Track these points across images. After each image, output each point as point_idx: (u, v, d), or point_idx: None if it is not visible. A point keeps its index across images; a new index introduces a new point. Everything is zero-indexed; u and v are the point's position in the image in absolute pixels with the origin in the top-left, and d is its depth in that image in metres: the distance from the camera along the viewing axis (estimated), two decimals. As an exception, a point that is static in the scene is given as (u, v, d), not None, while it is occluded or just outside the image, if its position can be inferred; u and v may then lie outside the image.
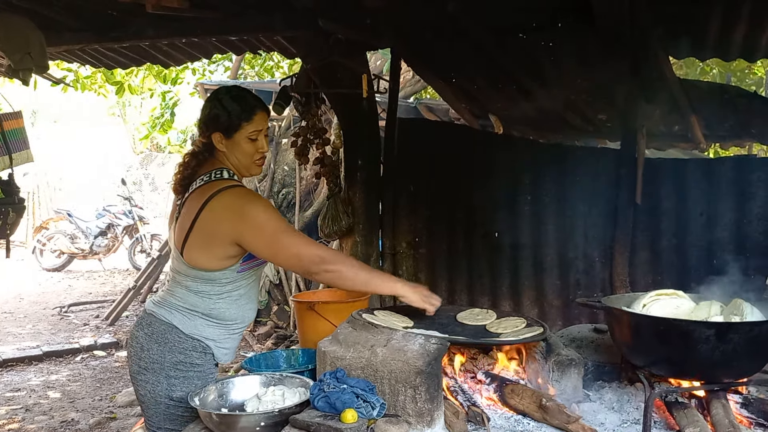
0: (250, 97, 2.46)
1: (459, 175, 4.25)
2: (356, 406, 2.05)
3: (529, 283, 4.12)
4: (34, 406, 5.74)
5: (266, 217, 2.29)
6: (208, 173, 2.41)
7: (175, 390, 2.39)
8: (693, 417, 2.02)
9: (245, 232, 2.29)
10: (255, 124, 2.38)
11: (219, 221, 2.31)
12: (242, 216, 2.29)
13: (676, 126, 4.36)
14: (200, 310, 2.41)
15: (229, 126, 2.37)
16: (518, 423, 2.20)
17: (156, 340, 2.41)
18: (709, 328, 2.06)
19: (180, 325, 2.41)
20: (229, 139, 2.38)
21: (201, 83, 10.08)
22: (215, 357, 2.48)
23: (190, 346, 2.41)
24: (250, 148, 2.41)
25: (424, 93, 9.55)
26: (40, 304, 10.15)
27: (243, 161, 2.43)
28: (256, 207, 2.31)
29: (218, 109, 2.39)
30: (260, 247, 2.32)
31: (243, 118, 2.36)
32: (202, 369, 2.43)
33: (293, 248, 2.30)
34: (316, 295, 3.45)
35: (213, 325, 2.44)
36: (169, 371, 2.39)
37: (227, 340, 2.50)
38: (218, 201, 2.32)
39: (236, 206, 2.31)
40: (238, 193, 2.34)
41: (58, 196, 17.33)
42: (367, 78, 3.82)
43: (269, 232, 2.28)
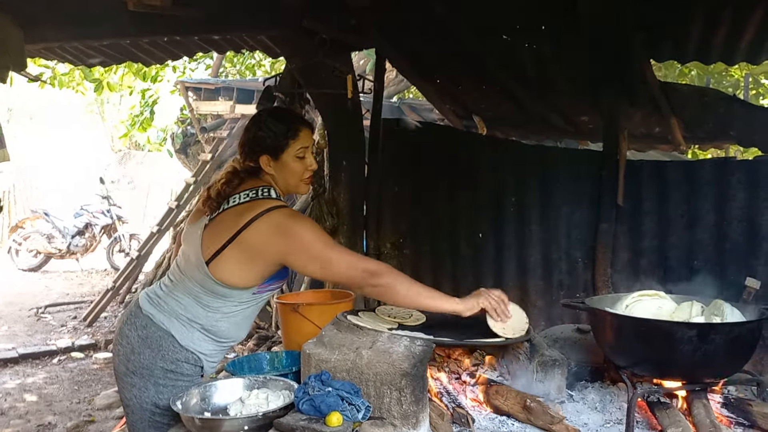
0: (294, 115, 2.49)
1: (443, 176, 4.26)
2: (341, 409, 2.04)
3: (513, 283, 4.14)
4: (10, 409, 5.65)
5: (314, 236, 2.28)
6: (254, 189, 2.38)
7: (162, 398, 2.36)
8: (675, 417, 2.04)
9: (295, 251, 2.28)
10: (301, 141, 2.37)
11: (267, 240, 2.29)
12: (292, 236, 2.28)
13: (656, 128, 4.42)
14: (201, 323, 2.40)
15: (276, 147, 2.36)
16: (503, 424, 2.21)
17: (149, 345, 2.38)
18: (690, 329, 2.09)
19: (177, 334, 2.38)
20: (277, 160, 2.38)
21: (181, 81, 10.00)
22: (204, 369, 2.47)
23: (183, 357, 2.39)
24: (298, 167, 2.40)
25: (406, 93, 9.57)
26: (16, 305, 9.98)
27: (292, 181, 2.43)
28: (304, 226, 2.30)
29: (264, 131, 2.37)
30: (311, 265, 2.32)
31: (289, 136, 2.35)
32: (190, 380, 2.41)
33: (343, 264, 2.29)
34: (300, 296, 3.44)
35: (209, 340, 2.44)
36: (158, 378, 2.37)
37: (217, 355, 2.51)
38: (267, 220, 2.30)
39: (285, 226, 2.29)
40: (285, 213, 2.32)
41: (35, 195, 17.09)
42: (352, 78, 3.81)
43: (318, 250, 2.27)
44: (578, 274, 4.05)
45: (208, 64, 11.86)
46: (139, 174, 18.37)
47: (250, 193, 2.37)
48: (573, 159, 4.20)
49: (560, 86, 4.11)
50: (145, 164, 18.55)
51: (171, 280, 2.46)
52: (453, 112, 5.23)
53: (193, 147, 10.09)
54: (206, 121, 9.64)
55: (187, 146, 10.20)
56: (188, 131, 10.17)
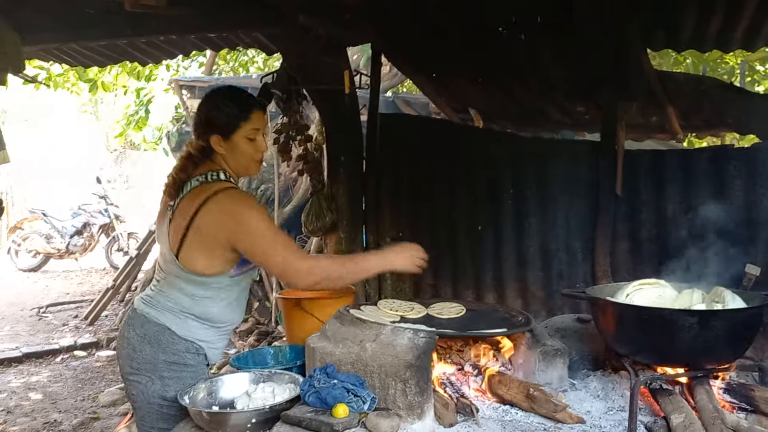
0: (247, 97, 2.46)
1: (441, 170, 4.26)
2: (347, 400, 2.07)
3: (513, 275, 4.15)
4: (16, 408, 5.67)
5: (259, 223, 2.30)
6: (203, 174, 2.40)
7: (168, 390, 2.39)
8: (678, 403, 2.07)
9: (239, 236, 2.30)
10: (253, 123, 2.38)
11: (216, 224, 2.32)
12: (238, 220, 2.30)
13: (653, 117, 4.43)
14: (193, 312, 2.42)
15: (227, 127, 2.36)
16: (506, 413, 2.23)
17: (149, 341, 2.41)
18: (692, 316, 2.10)
19: (173, 326, 2.41)
20: (228, 140, 2.38)
21: (175, 79, 9.99)
22: (207, 357, 2.49)
23: (183, 348, 2.42)
24: (249, 149, 2.40)
25: (400, 87, 9.57)
26: (17, 305, 10.00)
27: (242, 162, 2.43)
28: (250, 212, 2.31)
29: (216, 112, 2.38)
30: (252, 252, 2.33)
31: (241, 117, 2.36)
32: (195, 369, 2.44)
33: (279, 258, 2.31)
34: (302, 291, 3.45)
35: (206, 327, 2.45)
36: (162, 372, 2.40)
37: (218, 341, 2.53)
38: (215, 203, 2.32)
39: (232, 210, 2.31)
40: (233, 195, 2.35)
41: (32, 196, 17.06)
42: (348, 74, 3.82)
43: (260, 239, 2.30)
44: (578, 265, 4.06)
45: (202, 62, 11.84)
46: (136, 173, 18.35)
47: (200, 177, 2.39)
48: (571, 150, 4.20)
49: (556, 77, 4.11)
50: (141, 163, 18.52)
51: (157, 280, 2.51)
52: (449, 106, 5.24)
53: (189, 145, 10.06)
54: (202, 118, 9.62)
55: (182, 144, 10.16)
56: (183, 129, 10.17)
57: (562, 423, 2.11)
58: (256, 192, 8.81)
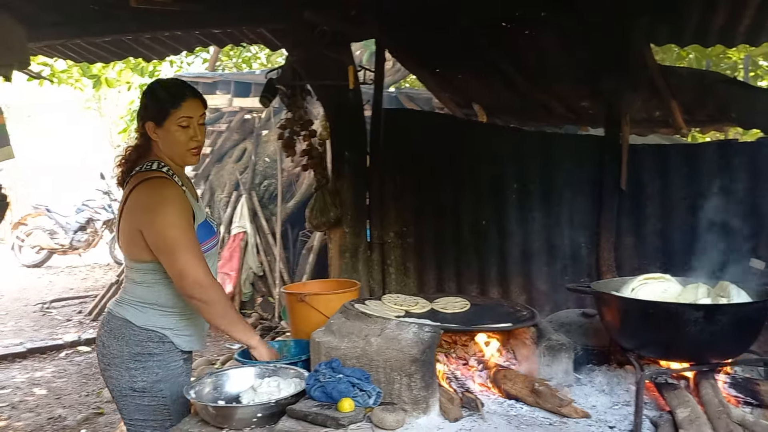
0: (181, 85, 2.45)
1: (445, 165, 4.26)
2: (353, 395, 2.07)
3: (517, 270, 4.16)
4: (20, 403, 5.69)
5: (170, 221, 2.29)
6: (142, 164, 2.42)
7: (136, 381, 2.40)
8: (683, 397, 2.06)
9: (147, 230, 2.32)
10: (184, 111, 2.36)
11: (132, 215, 2.36)
12: (148, 214, 2.32)
13: (657, 112, 4.42)
14: (149, 300, 2.42)
15: (159, 113, 2.36)
16: (511, 407, 2.23)
17: (114, 336, 2.43)
18: (697, 310, 2.10)
19: (132, 318, 2.42)
20: (160, 127, 2.37)
21: (179, 75, 9.97)
22: (176, 345, 2.47)
23: (145, 338, 2.41)
24: (181, 136, 2.38)
25: (403, 83, 9.56)
26: (21, 300, 10.03)
27: (176, 150, 2.41)
28: (163, 207, 2.30)
29: (148, 98, 2.41)
30: (156, 248, 2.32)
31: (171, 104, 2.35)
32: (161, 358, 2.43)
33: (180, 264, 2.29)
34: (307, 286, 3.46)
35: (166, 314, 2.45)
36: (129, 363, 2.40)
37: (186, 327, 2.50)
38: (135, 194, 2.35)
39: (145, 203, 2.33)
40: (152, 187, 2.34)
41: (36, 192, 17.10)
42: (353, 70, 3.82)
43: (165, 238, 2.29)
44: (582, 259, 4.06)
45: (205, 58, 11.83)
46: (139, 168, 18.33)
47: (137, 168, 2.41)
48: (575, 144, 4.21)
49: (560, 73, 4.11)
50: (144, 159, 18.49)
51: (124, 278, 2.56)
52: (453, 101, 5.24)
53: (193, 141, 10.07)
54: (205, 114, 9.63)
55: (186, 141, 10.18)
56: (187, 125, 10.15)
57: (567, 418, 2.11)
58: (259, 187, 8.80)
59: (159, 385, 2.41)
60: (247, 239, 8.39)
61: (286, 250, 8.52)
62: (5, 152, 4.10)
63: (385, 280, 4.25)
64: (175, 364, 2.46)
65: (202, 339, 2.61)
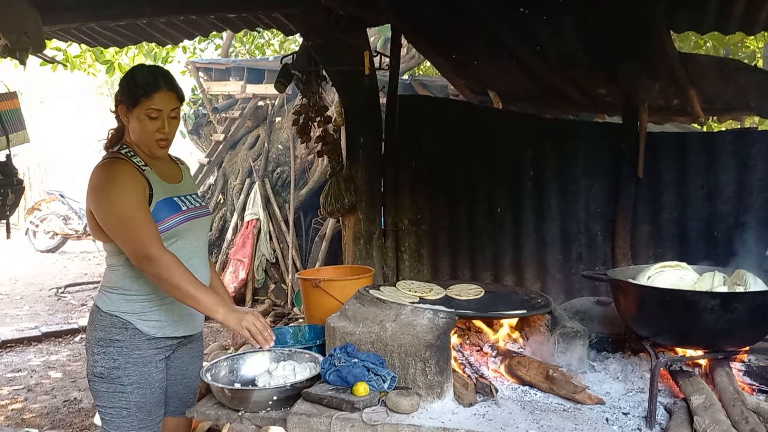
0: (159, 75, 2.39)
1: (460, 151, 4.24)
2: (367, 379, 2.09)
3: (532, 257, 4.15)
4: (36, 386, 5.75)
5: (115, 200, 2.26)
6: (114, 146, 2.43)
7: (96, 365, 2.38)
8: (698, 384, 2.06)
9: (96, 210, 2.31)
10: (154, 102, 2.32)
11: (87, 195, 2.34)
12: (97, 194, 2.30)
13: (675, 100, 4.38)
14: (114, 285, 2.40)
15: (129, 99, 2.34)
16: (525, 393, 2.23)
17: (89, 322, 2.44)
18: (714, 299, 2.09)
19: (100, 304, 2.41)
20: (130, 113, 2.35)
21: (192, 61, 9.98)
22: (142, 331, 2.39)
23: (108, 323, 2.38)
24: (148, 126, 2.34)
25: (417, 70, 9.51)
26: (36, 285, 10.13)
27: (143, 139, 2.37)
28: (110, 187, 2.28)
29: (124, 82, 2.37)
30: (106, 229, 2.31)
31: (141, 93, 2.32)
32: (122, 345, 2.37)
33: (129, 240, 2.26)
34: (321, 272, 3.47)
35: (130, 299, 2.39)
36: (93, 348, 2.39)
37: (155, 313, 2.41)
38: (90, 175, 2.34)
39: (94, 183, 2.32)
40: (103, 167, 2.33)
41: (49, 177, 17.22)
42: (369, 55, 3.80)
43: (115, 215, 2.26)
44: (597, 247, 4.05)
45: (218, 44, 11.83)
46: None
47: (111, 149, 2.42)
48: (592, 132, 4.17)
49: (578, 59, 4.07)
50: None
51: None
52: (468, 88, 5.21)
53: (206, 128, 10.10)
54: (218, 101, 9.65)
55: (199, 127, 10.21)
56: (200, 112, 10.18)
57: (581, 404, 2.11)
58: (272, 175, 8.82)
59: (116, 372, 2.35)
60: (260, 226, 8.42)
61: (298, 238, 8.54)
62: (21, 136, 4.13)
63: (399, 267, 4.26)
64: (139, 353, 2.38)
65: (186, 324, 2.49)
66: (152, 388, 2.41)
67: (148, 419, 2.42)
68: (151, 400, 2.42)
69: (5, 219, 4.04)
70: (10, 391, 5.59)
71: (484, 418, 2.01)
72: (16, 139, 4.39)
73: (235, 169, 9.02)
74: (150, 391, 2.41)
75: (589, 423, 1.98)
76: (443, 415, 2.02)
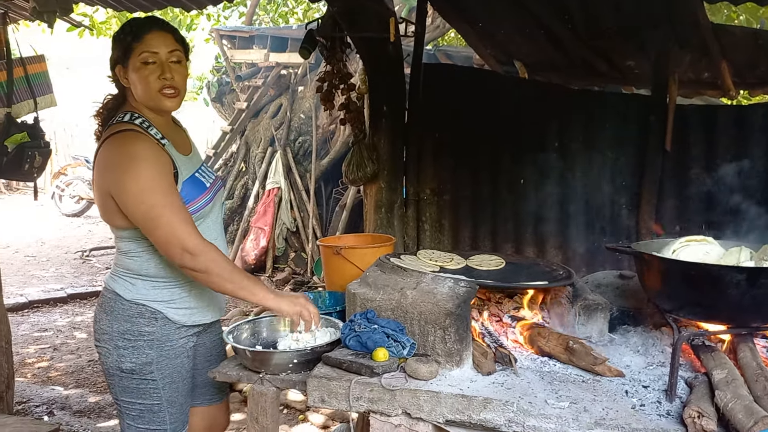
0: (150, 19, 2.19)
1: (485, 122, 4.19)
2: (387, 345, 2.10)
3: (554, 229, 4.12)
4: (62, 345, 5.89)
5: (145, 186, 2.01)
6: (115, 116, 2.17)
7: (124, 362, 2.19)
8: (720, 359, 2.04)
9: (119, 194, 2.05)
10: (146, 45, 2.08)
11: (103, 174, 2.09)
12: (119, 174, 2.04)
13: (705, 73, 4.28)
14: (137, 271, 2.19)
15: (122, 51, 2.11)
16: (544, 364, 2.23)
17: (105, 310, 2.22)
18: (740, 273, 2.05)
19: (121, 291, 2.19)
20: (126, 68, 2.12)
21: (216, 29, 9.96)
22: (173, 320, 2.23)
23: (135, 312, 2.18)
24: (147, 75, 2.09)
25: (441, 40, 9.40)
26: (62, 248, 10.31)
27: (146, 92, 2.11)
28: (136, 169, 2.02)
29: (114, 37, 2.15)
30: (131, 217, 2.06)
31: (131, 39, 2.09)
32: (153, 337, 2.19)
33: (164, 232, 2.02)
34: (342, 240, 3.48)
35: (159, 286, 2.21)
36: (117, 341, 2.19)
37: (185, 299, 2.25)
38: (101, 151, 2.11)
39: (111, 161, 2.07)
40: (118, 142, 2.07)
41: (75, 143, 17.38)
42: (394, 21, 3.75)
43: (140, 202, 2.02)
44: (621, 221, 4.00)
45: (242, 12, 11.78)
46: (176, 121, 18.48)
47: (111, 121, 2.17)
48: (619, 103, 4.10)
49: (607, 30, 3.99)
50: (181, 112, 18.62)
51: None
52: (494, 57, 5.13)
53: (229, 96, 10.11)
54: (241, 69, 9.63)
55: (222, 95, 10.23)
56: (223, 80, 10.19)
57: (600, 376, 2.10)
58: (293, 144, 8.82)
59: (149, 368, 2.19)
60: (282, 195, 8.46)
61: (319, 207, 8.57)
62: (48, 99, 4.15)
63: (420, 237, 4.25)
64: (171, 344, 2.22)
65: (214, 308, 2.36)
66: (184, 381, 2.30)
67: (179, 413, 2.31)
68: (183, 393, 2.30)
69: (32, 181, 4.09)
70: (36, 350, 5.73)
71: (503, 387, 2.01)
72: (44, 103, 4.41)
73: (258, 137, 9.04)
74: (182, 384, 2.29)
75: (608, 394, 1.97)
76: (462, 383, 2.03)
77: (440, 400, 1.94)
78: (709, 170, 3.78)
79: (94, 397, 4.69)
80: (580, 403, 1.90)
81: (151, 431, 2.26)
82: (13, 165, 3.76)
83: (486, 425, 1.91)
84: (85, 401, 4.62)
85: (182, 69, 2.17)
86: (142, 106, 2.16)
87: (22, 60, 3.90)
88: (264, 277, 8.08)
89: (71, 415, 4.36)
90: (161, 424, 2.26)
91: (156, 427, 2.26)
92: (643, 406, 1.89)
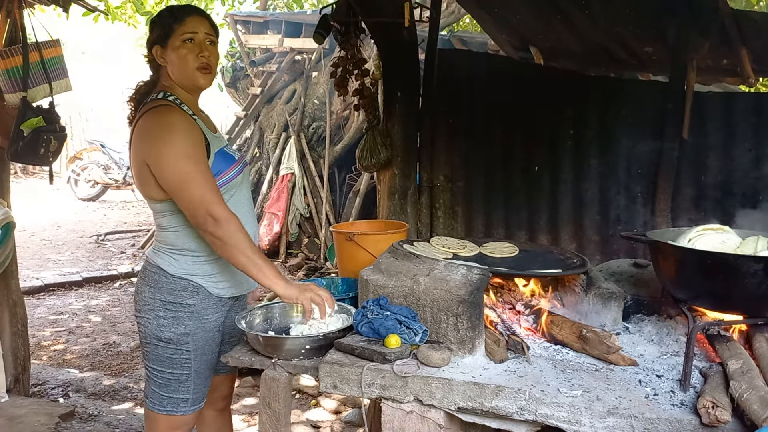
0: (187, 6, 2.38)
1: (499, 108, 4.16)
2: (399, 331, 2.10)
3: (568, 217, 4.09)
4: (77, 328, 5.95)
5: (175, 150, 2.13)
6: (151, 94, 2.30)
7: (163, 330, 2.29)
8: (736, 349, 2.02)
9: (153, 162, 2.16)
10: (188, 26, 2.25)
11: (139, 145, 2.22)
12: (151, 144, 2.17)
13: (724, 60, 4.22)
14: (180, 246, 2.29)
15: (162, 32, 2.26)
16: (557, 352, 2.22)
17: (148, 283, 2.33)
18: (757, 263, 2.03)
19: (165, 266, 2.30)
20: (165, 48, 2.26)
21: (231, 14, 9.96)
22: (212, 294, 2.33)
23: (178, 286, 2.29)
24: (186, 53, 2.24)
25: (456, 26, 9.33)
26: (77, 232, 10.40)
27: (184, 69, 2.26)
28: (172, 137, 2.14)
29: (155, 20, 2.32)
30: (164, 183, 2.17)
31: (173, 21, 2.25)
32: (193, 309, 2.30)
33: (193, 196, 2.12)
34: (355, 226, 3.49)
35: (199, 260, 2.30)
36: (159, 311, 2.29)
37: (222, 273, 2.34)
38: (138, 125, 2.22)
39: (147, 132, 2.19)
40: (155, 115, 2.19)
41: (91, 128, 17.50)
42: (409, 6, 3.71)
43: (174, 170, 2.13)
44: (637, 209, 3.96)
45: (257, -3, 11.75)
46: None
47: (147, 100, 2.28)
48: (636, 90, 4.04)
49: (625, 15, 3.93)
50: (195, 98, 18.65)
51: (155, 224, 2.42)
52: (509, 43, 5.09)
53: (243, 81, 10.12)
54: (255, 54, 9.62)
55: (236, 80, 10.24)
56: (238, 65, 10.19)
57: (614, 365, 2.10)
58: (307, 129, 8.81)
59: (185, 338, 2.29)
60: (295, 181, 8.47)
61: (332, 193, 8.58)
62: (63, 84, 4.15)
63: (433, 224, 4.23)
64: (207, 318, 2.33)
65: (244, 280, 2.41)
66: (213, 354, 2.39)
67: (203, 385, 2.40)
68: (209, 365, 2.39)
69: (48, 165, 4.09)
70: (52, 333, 5.80)
71: (515, 375, 2.01)
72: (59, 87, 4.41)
73: (272, 123, 9.05)
74: (211, 357, 2.38)
75: (621, 383, 1.96)
76: (474, 370, 2.02)
77: (452, 387, 1.94)
78: (727, 158, 3.73)
79: (108, 380, 4.74)
80: (593, 391, 1.89)
81: (174, 399, 2.34)
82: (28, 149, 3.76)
83: (498, 413, 1.91)
84: (99, 384, 4.67)
85: (215, 50, 2.34)
86: (175, 86, 2.30)
87: (37, 44, 3.88)
88: (277, 263, 8.11)
89: (86, 398, 4.41)
90: (185, 393, 2.34)
91: (180, 396, 2.34)
92: (656, 396, 1.88)
